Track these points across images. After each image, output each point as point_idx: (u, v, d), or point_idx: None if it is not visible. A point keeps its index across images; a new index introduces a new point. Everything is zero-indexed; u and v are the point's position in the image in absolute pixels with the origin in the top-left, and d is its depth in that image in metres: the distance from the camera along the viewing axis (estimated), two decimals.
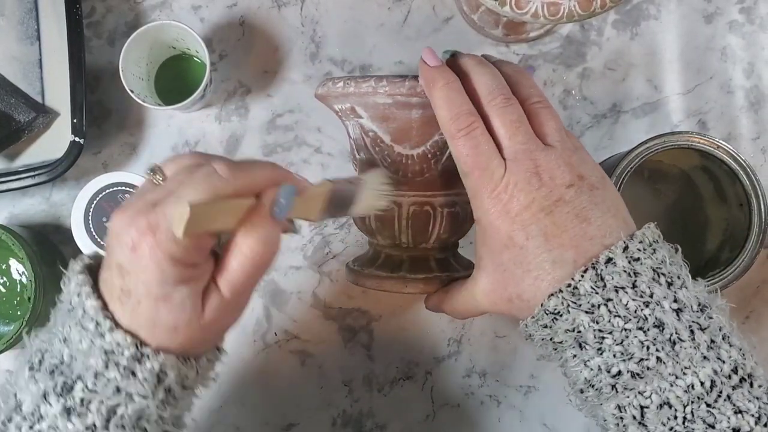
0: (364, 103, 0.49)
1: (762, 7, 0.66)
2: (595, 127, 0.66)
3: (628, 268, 0.41)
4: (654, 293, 0.40)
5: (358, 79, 0.49)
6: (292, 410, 0.64)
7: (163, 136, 0.65)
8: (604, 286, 0.41)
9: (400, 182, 0.51)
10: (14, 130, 0.62)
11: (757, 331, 0.65)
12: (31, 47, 0.64)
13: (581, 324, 0.41)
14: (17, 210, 0.65)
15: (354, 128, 0.52)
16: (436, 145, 0.50)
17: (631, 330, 0.40)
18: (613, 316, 0.40)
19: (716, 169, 0.59)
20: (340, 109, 0.51)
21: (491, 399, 0.65)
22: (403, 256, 0.53)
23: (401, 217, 0.51)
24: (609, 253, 0.41)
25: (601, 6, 0.50)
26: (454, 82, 0.45)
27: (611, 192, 0.45)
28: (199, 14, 0.66)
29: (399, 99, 0.48)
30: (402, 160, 0.50)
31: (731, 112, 0.66)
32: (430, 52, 0.47)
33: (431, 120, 0.48)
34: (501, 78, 0.46)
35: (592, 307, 0.41)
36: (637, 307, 0.40)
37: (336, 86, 0.49)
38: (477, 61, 0.47)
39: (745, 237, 0.56)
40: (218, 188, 0.38)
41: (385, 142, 0.50)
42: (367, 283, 0.52)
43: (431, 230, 0.52)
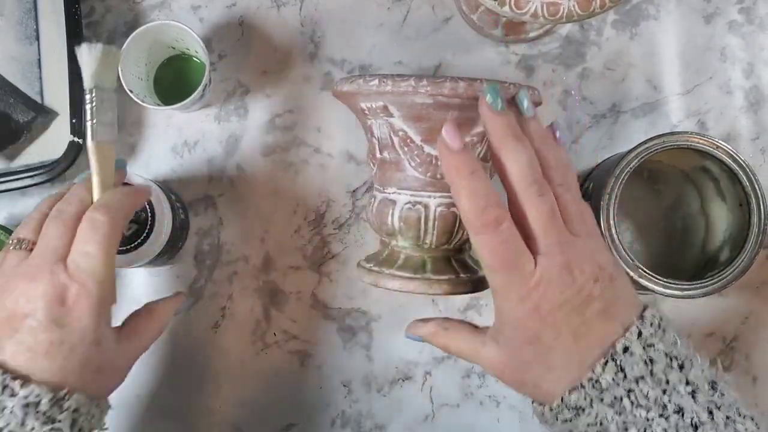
0: (399, 102, 0.49)
1: (761, 8, 0.66)
2: (595, 127, 0.66)
3: (644, 356, 0.41)
4: (670, 379, 0.41)
5: (396, 78, 0.48)
6: (292, 410, 0.64)
7: (162, 137, 0.65)
8: (625, 377, 0.41)
9: (428, 183, 0.51)
10: (13, 130, 0.62)
11: (756, 331, 0.65)
12: (30, 47, 0.64)
13: (605, 417, 0.41)
14: (16, 210, 0.65)
15: (381, 127, 0.51)
16: (466, 146, 0.50)
17: (653, 419, 0.40)
18: (635, 407, 0.40)
19: (715, 169, 0.59)
20: (367, 107, 0.51)
21: (491, 399, 0.65)
22: (425, 257, 0.53)
23: (428, 219, 0.51)
24: (626, 341, 0.41)
25: (601, 6, 0.50)
26: (480, 171, 0.42)
27: (624, 277, 0.45)
28: (199, 14, 0.66)
29: (440, 99, 0.48)
30: (432, 161, 0.51)
31: (730, 112, 0.66)
32: (452, 131, 0.43)
33: (465, 121, 0.49)
34: (536, 160, 0.44)
35: (614, 400, 0.41)
36: (657, 396, 0.40)
37: (369, 84, 0.49)
38: (514, 137, 0.44)
39: (744, 237, 0.56)
40: (68, 219, 0.46)
41: (415, 142, 0.50)
42: (389, 284, 0.52)
43: (456, 231, 0.52)
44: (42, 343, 0.43)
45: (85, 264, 0.45)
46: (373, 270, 0.53)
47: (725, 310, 0.65)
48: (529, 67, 0.66)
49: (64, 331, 0.44)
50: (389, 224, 0.52)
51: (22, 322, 0.44)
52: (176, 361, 0.64)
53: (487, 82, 0.46)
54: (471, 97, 0.47)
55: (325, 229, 0.65)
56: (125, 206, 0.49)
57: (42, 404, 0.42)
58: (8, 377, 0.42)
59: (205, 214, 0.65)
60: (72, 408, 0.43)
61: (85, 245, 0.45)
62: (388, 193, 0.53)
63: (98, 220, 0.46)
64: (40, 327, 0.43)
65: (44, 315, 0.43)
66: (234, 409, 0.64)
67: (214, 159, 0.65)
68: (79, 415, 0.43)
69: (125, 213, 0.49)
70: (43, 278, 0.44)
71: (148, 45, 0.61)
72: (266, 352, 0.65)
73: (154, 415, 0.64)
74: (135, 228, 0.55)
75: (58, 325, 0.43)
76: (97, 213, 0.46)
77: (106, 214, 0.46)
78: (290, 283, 0.65)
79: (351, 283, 0.65)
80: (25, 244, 0.47)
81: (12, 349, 0.43)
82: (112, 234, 0.46)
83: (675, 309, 0.65)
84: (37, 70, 0.64)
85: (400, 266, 0.52)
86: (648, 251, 0.64)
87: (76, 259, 0.45)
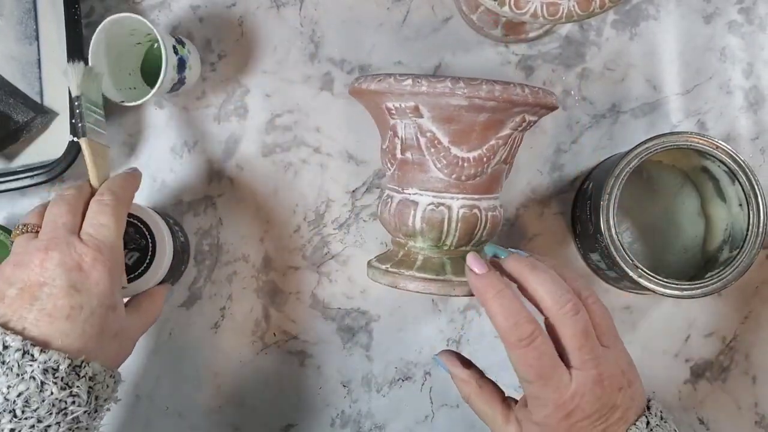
0: (432, 103, 0.49)
1: (761, 8, 0.66)
2: (595, 127, 0.66)
3: None
4: None
5: (431, 79, 0.48)
6: (291, 410, 0.64)
7: (161, 137, 0.65)
8: None
9: (451, 185, 0.51)
10: (13, 131, 0.62)
11: (756, 331, 0.65)
12: (29, 47, 0.64)
13: None
14: (16, 210, 0.65)
15: (407, 127, 0.51)
16: (491, 148, 0.51)
17: None
18: None
19: (715, 169, 0.59)
20: (394, 107, 0.50)
21: None
22: (443, 258, 0.53)
23: (451, 220, 0.51)
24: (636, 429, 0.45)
25: (600, 6, 0.50)
26: (506, 289, 0.46)
27: (637, 376, 0.48)
28: (198, 14, 0.65)
29: (476, 102, 0.48)
30: (458, 163, 0.51)
31: (730, 112, 0.66)
32: (475, 259, 0.48)
33: (494, 124, 0.49)
34: (562, 281, 0.46)
35: None
36: None
37: (402, 84, 0.49)
38: (530, 266, 0.47)
39: (744, 237, 0.56)
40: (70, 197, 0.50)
41: (442, 143, 0.50)
42: (410, 286, 0.52)
43: (476, 233, 0.52)
44: (62, 308, 0.45)
45: (99, 233, 0.48)
46: (390, 271, 0.53)
47: (725, 309, 0.65)
48: (528, 67, 0.66)
49: (83, 295, 0.46)
50: (410, 225, 0.52)
51: (41, 289, 0.45)
52: (176, 361, 0.64)
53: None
54: (506, 100, 0.48)
55: (325, 229, 0.65)
56: (127, 188, 0.52)
57: (60, 370, 0.43)
58: (28, 343, 0.43)
59: (205, 214, 0.65)
60: (89, 375, 0.44)
61: (98, 217, 0.49)
62: (409, 194, 0.52)
63: (106, 198, 0.50)
64: (59, 293, 0.45)
65: (63, 281, 0.45)
66: (234, 409, 0.64)
67: (214, 159, 0.65)
68: (95, 383, 0.45)
69: (129, 194, 0.52)
70: (58, 248, 0.46)
71: (107, 46, 0.60)
72: (266, 352, 0.65)
73: (154, 415, 0.64)
74: (137, 256, 0.55)
75: (76, 290, 0.45)
76: (105, 195, 0.50)
77: (112, 194, 0.50)
78: (290, 283, 0.65)
79: (350, 284, 0.65)
80: (32, 227, 0.49)
81: (32, 316, 0.44)
82: (121, 209, 0.50)
83: (675, 309, 0.65)
84: (37, 70, 0.64)
85: (419, 267, 0.52)
86: (648, 251, 0.64)
87: (89, 231, 0.48)
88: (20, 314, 0.44)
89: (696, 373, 0.65)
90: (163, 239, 0.56)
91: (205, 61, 0.65)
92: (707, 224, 0.63)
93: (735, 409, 0.65)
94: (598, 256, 0.60)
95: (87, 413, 0.44)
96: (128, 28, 0.60)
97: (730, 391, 0.65)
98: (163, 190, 0.65)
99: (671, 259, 0.63)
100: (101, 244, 0.47)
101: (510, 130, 0.51)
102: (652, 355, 0.65)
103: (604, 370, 0.45)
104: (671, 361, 0.65)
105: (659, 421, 0.46)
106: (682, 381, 0.65)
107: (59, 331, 0.44)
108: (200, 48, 0.65)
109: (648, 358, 0.65)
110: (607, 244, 0.55)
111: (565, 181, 0.66)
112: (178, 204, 0.65)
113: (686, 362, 0.65)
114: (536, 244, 0.65)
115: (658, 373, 0.65)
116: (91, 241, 0.47)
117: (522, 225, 0.65)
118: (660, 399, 0.43)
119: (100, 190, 0.51)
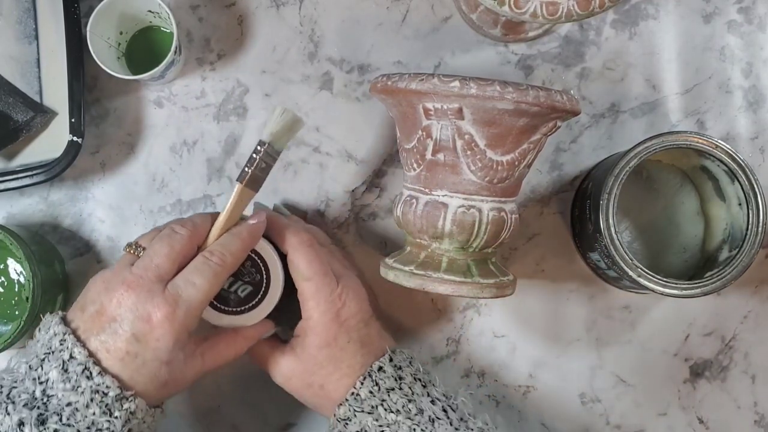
0: (477, 106, 0.49)
1: (760, 7, 0.66)
2: (594, 126, 0.66)
3: (395, 374, 0.53)
4: (414, 391, 0.53)
5: (480, 82, 0.48)
6: (291, 410, 0.64)
7: (161, 136, 0.65)
8: (379, 389, 0.52)
9: (483, 187, 0.52)
10: (12, 130, 0.62)
11: (755, 330, 0.65)
12: (29, 46, 0.64)
13: (366, 425, 0.51)
14: (15, 210, 0.65)
15: (444, 129, 0.51)
16: (523, 152, 0.52)
17: (402, 421, 0.51)
18: (388, 413, 0.51)
19: (715, 168, 0.59)
20: (434, 108, 0.50)
21: (490, 399, 0.65)
22: (468, 260, 0.53)
23: (482, 222, 0.52)
24: (380, 362, 0.53)
25: (600, 6, 0.50)
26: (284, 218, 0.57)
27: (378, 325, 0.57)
28: (198, 13, 0.65)
29: (521, 107, 0.48)
30: (492, 166, 0.51)
31: (730, 111, 0.66)
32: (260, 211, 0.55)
33: (529, 128, 0.50)
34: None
35: (372, 408, 0.51)
36: (404, 403, 0.51)
37: (450, 86, 0.48)
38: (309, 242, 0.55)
39: (743, 236, 0.56)
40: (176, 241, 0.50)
41: (479, 146, 0.50)
42: (439, 288, 0.52)
43: (502, 235, 0.53)
44: (119, 350, 0.48)
45: (186, 293, 0.49)
46: (417, 273, 0.52)
47: (724, 309, 0.66)
48: (528, 66, 0.66)
49: (141, 345, 0.48)
50: (439, 227, 0.52)
51: (109, 324, 0.48)
52: None
53: None
54: (549, 106, 0.49)
55: (325, 228, 0.65)
56: (241, 255, 0.52)
57: (108, 396, 0.47)
58: (91, 361, 0.47)
59: None
60: (130, 410, 0.47)
61: (193, 275, 0.49)
62: (437, 196, 0.52)
63: (214, 260, 0.50)
64: (121, 336, 0.48)
65: (128, 327, 0.48)
66: (234, 409, 0.64)
67: (214, 159, 0.65)
68: (134, 418, 0.48)
69: (239, 259, 0.52)
70: (139, 291, 0.48)
71: (117, 16, 0.60)
72: None
73: None
74: (249, 290, 0.54)
75: (137, 339, 0.48)
76: (215, 256, 0.50)
77: (222, 258, 0.51)
78: None
79: None
80: (140, 251, 0.51)
81: (95, 345, 0.48)
82: (223, 275, 0.51)
83: (674, 308, 0.65)
84: (36, 69, 0.64)
85: (446, 270, 0.52)
86: (647, 251, 0.64)
87: (179, 285, 0.49)
88: (91, 333, 0.48)
89: (695, 372, 0.65)
90: (278, 277, 0.54)
91: (205, 60, 0.65)
92: (707, 224, 0.63)
93: (734, 408, 0.65)
94: (598, 255, 0.60)
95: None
96: (140, 8, 0.61)
97: (729, 390, 0.65)
98: (163, 189, 0.65)
99: (671, 258, 0.63)
100: (181, 303, 0.48)
101: (540, 135, 0.52)
102: (651, 354, 0.65)
103: (359, 287, 0.55)
104: (671, 360, 0.65)
105: (404, 359, 0.54)
106: (681, 380, 0.65)
107: (111, 367, 0.48)
108: (200, 47, 0.65)
109: (647, 357, 0.65)
110: (607, 243, 0.55)
111: (565, 181, 0.66)
112: (177, 203, 0.65)
113: (686, 361, 0.65)
114: (535, 243, 0.65)
115: (657, 372, 0.65)
116: (172, 297, 0.48)
117: (521, 224, 0.65)
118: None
119: (215, 246, 0.51)
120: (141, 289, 0.48)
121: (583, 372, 0.65)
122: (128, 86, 0.65)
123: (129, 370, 0.48)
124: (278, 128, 0.52)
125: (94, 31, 0.58)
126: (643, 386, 0.65)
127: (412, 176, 0.54)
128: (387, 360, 0.53)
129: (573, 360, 0.65)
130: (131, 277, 0.49)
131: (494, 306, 0.65)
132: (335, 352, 0.53)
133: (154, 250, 0.50)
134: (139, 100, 0.65)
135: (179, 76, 0.65)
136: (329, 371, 0.53)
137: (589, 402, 0.65)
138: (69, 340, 0.48)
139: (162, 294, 0.48)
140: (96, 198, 0.65)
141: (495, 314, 0.65)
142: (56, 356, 0.48)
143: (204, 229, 0.52)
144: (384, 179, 0.65)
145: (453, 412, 0.52)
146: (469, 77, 0.49)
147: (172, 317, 0.48)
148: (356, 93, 0.65)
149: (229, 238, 0.52)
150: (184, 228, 0.51)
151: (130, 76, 0.60)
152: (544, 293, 0.65)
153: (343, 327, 0.53)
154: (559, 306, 0.65)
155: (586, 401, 0.65)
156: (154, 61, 0.59)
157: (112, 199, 0.65)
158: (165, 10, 0.58)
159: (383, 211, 0.65)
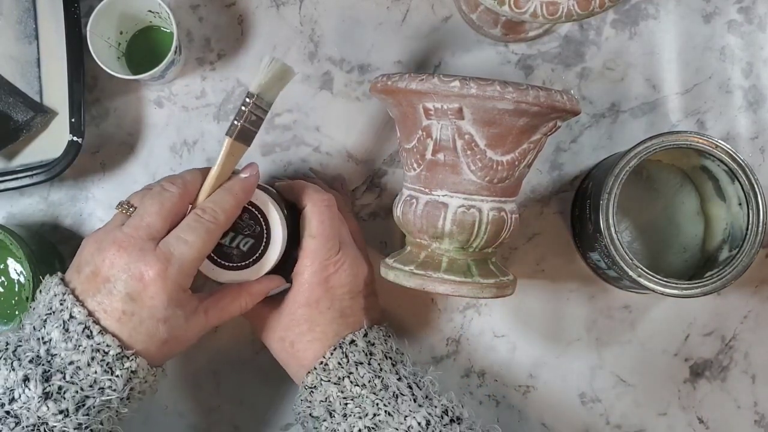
0: (476, 106, 0.49)
1: (760, 7, 0.66)
2: (594, 126, 0.66)
3: (366, 349, 0.53)
4: (382, 367, 0.53)
5: (480, 81, 0.48)
6: (291, 410, 0.64)
7: (161, 136, 0.65)
8: (348, 361, 0.52)
9: (483, 187, 0.52)
10: (12, 130, 0.62)
11: (755, 330, 0.65)
12: (29, 46, 0.64)
13: (331, 395, 0.52)
14: (15, 210, 0.65)
15: (444, 129, 0.51)
16: (523, 152, 0.51)
17: (366, 395, 0.51)
18: (353, 386, 0.51)
19: (715, 168, 0.59)
20: (434, 108, 0.50)
21: (490, 399, 0.65)
22: (468, 260, 0.53)
23: (482, 222, 0.52)
24: (353, 336, 0.53)
25: (600, 5, 0.50)
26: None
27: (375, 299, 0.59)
28: (198, 13, 0.65)
29: (521, 106, 0.48)
30: (492, 166, 0.51)
31: (730, 111, 0.66)
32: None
33: (529, 128, 0.50)
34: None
35: (339, 380, 0.52)
36: (371, 377, 0.52)
37: (450, 86, 0.48)
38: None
39: (743, 236, 0.56)
40: (166, 199, 0.49)
41: (479, 146, 0.50)
42: (440, 288, 0.52)
43: (502, 235, 0.53)
44: (116, 310, 0.48)
45: (178, 250, 0.48)
46: (417, 273, 0.53)
47: (724, 309, 0.66)
48: (528, 66, 0.66)
49: (136, 305, 0.48)
50: (439, 227, 0.52)
51: (104, 285, 0.48)
52: (176, 360, 0.64)
53: None
54: (549, 106, 0.49)
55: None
56: (234, 211, 0.51)
57: (109, 355, 0.47)
58: (90, 320, 0.47)
59: None
60: (131, 369, 0.48)
61: (185, 233, 0.49)
62: (438, 196, 0.52)
63: (207, 217, 0.50)
64: (115, 296, 0.48)
65: (122, 287, 0.48)
66: (234, 409, 0.64)
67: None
68: (135, 376, 0.48)
69: (233, 216, 0.51)
70: (130, 250, 0.48)
71: (117, 16, 0.60)
72: (266, 352, 0.64)
73: (153, 414, 0.64)
74: (251, 242, 0.53)
75: (131, 299, 0.48)
76: (207, 213, 0.50)
77: (214, 215, 0.50)
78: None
79: None
80: (129, 209, 0.51)
81: (92, 306, 0.48)
82: (216, 233, 0.50)
83: (674, 308, 0.65)
84: (36, 69, 0.64)
85: (446, 270, 0.52)
86: (647, 250, 0.64)
87: (170, 243, 0.48)
88: (87, 294, 0.48)
89: (695, 372, 0.65)
90: (278, 228, 0.53)
91: (205, 60, 0.65)
92: (707, 223, 0.63)
93: (734, 408, 0.65)
94: (598, 255, 0.60)
95: (120, 399, 0.48)
96: (140, 8, 0.61)
97: (729, 390, 0.65)
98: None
99: (671, 258, 0.63)
100: (173, 261, 0.48)
101: (540, 135, 0.52)
102: (651, 354, 0.65)
103: (360, 260, 0.56)
104: (671, 360, 0.65)
105: (379, 335, 0.55)
106: (681, 380, 0.65)
107: (110, 327, 0.48)
108: (200, 47, 0.65)
109: (647, 357, 0.65)
110: (607, 243, 0.55)
111: (565, 181, 0.66)
112: None
113: (686, 361, 0.65)
114: (535, 243, 0.65)
115: (657, 372, 0.65)
116: (164, 254, 0.48)
117: (521, 224, 0.65)
118: None
119: (207, 203, 0.50)
120: (133, 249, 0.48)
121: (583, 372, 0.65)
122: (128, 86, 0.65)
123: (127, 329, 0.48)
124: (267, 79, 0.51)
125: (94, 31, 0.59)
126: (643, 386, 0.65)
127: (412, 176, 0.54)
128: (361, 334, 0.54)
129: (573, 360, 0.65)
130: (122, 237, 0.48)
131: (494, 306, 0.65)
132: (314, 313, 0.53)
133: (144, 208, 0.49)
134: (140, 100, 0.65)
135: (179, 76, 0.65)
136: (302, 330, 0.53)
137: (589, 402, 0.65)
138: (68, 300, 0.48)
139: (153, 252, 0.48)
140: (96, 198, 0.65)
141: (495, 314, 0.65)
142: (57, 316, 0.48)
143: (195, 186, 0.51)
144: (384, 179, 0.65)
145: (419, 390, 0.52)
146: (469, 77, 0.49)
147: (165, 275, 0.47)
148: (356, 93, 0.65)
149: (222, 194, 0.51)
150: (174, 185, 0.50)
151: (130, 76, 0.60)
152: (544, 293, 0.65)
153: (329, 293, 0.53)
154: (559, 306, 0.65)
155: (586, 401, 0.65)
156: (155, 61, 0.59)
157: (113, 199, 0.65)
158: (165, 9, 0.58)
159: (383, 211, 0.65)
